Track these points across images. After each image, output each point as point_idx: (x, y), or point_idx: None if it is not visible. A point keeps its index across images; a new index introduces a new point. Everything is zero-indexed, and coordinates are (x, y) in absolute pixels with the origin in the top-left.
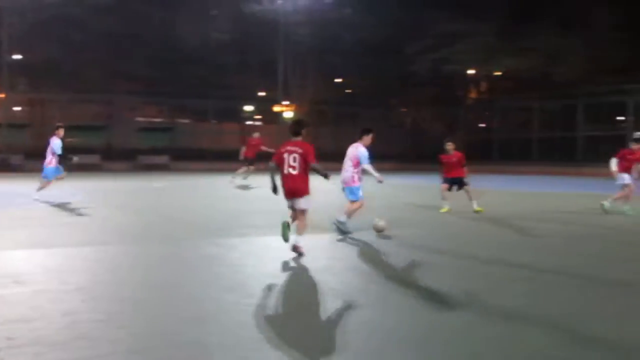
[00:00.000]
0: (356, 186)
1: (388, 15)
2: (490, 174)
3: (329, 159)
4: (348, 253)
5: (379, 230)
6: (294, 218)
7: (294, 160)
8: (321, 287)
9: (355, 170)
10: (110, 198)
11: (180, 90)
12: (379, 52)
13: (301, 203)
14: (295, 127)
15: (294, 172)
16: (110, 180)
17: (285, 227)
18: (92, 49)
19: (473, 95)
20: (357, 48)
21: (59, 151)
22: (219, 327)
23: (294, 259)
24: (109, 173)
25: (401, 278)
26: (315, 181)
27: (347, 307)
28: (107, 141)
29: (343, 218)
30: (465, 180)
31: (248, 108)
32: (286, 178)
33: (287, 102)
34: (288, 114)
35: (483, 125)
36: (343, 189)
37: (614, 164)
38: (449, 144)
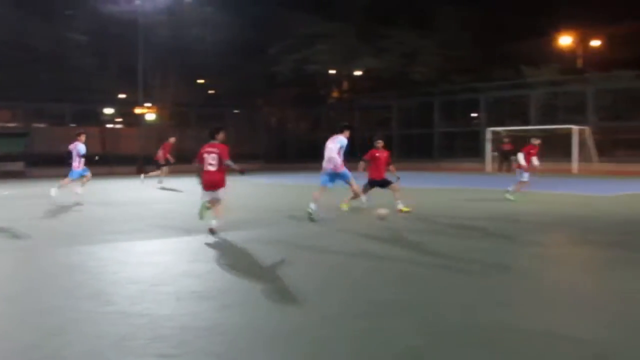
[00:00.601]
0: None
1: (250, 16)
2: (352, 171)
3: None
4: (212, 255)
5: (381, 218)
6: (211, 205)
7: (213, 159)
8: (184, 291)
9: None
10: None
11: (36, 94)
12: (242, 52)
13: (219, 194)
14: (212, 132)
15: (213, 169)
16: None
17: (204, 208)
18: None
19: (335, 94)
20: (219, 48)
21: (84, 153)
22: (80, 336)
23: (155, 263)
24: None
25: (267, 277)
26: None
27: (212, 309)
28: None
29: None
30: (391, 179)
31: (108, 111)
32: (207, 174)
33: (148, 104)
34: (150, 116)
35: (345, 124)
36: (334, 177)
37: (521, 158)
38: (379, 141)
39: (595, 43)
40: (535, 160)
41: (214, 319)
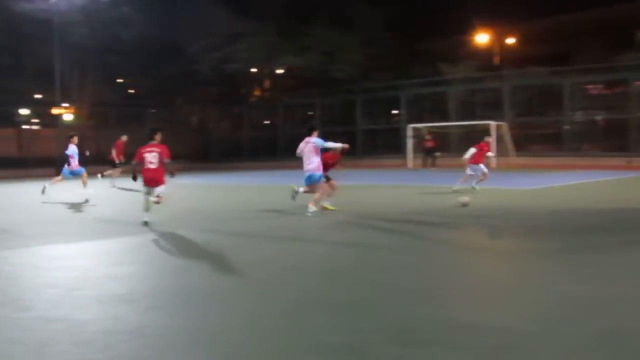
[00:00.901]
0: (320, 172)
1: (169, 14)
2: (278, 169)
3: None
4: (136, 257)
5: (464, 205)
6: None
7: (154, 158)
8: (106, 294)
9: (319, 159)
10: None
11: None
12: (161, 51)
13: (159, 190)
14: (151, 133)
15: (153, 167)
16: None
17: (149, 202)
18: None
19: (257, 93)
20: (138, 47)
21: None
22: None
23: (75, 266)
24: None
25: (191, 278)
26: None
27: (135, 311)
28: None
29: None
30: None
31: (24, 112)
32: (147, 171)
33: (66, 105)
34: (68, 117)
35: (268, 122)
36: (310, 178)
37: (469, 154)
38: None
39: (511, 40)
40: (490, 154)
41: (137, 322)
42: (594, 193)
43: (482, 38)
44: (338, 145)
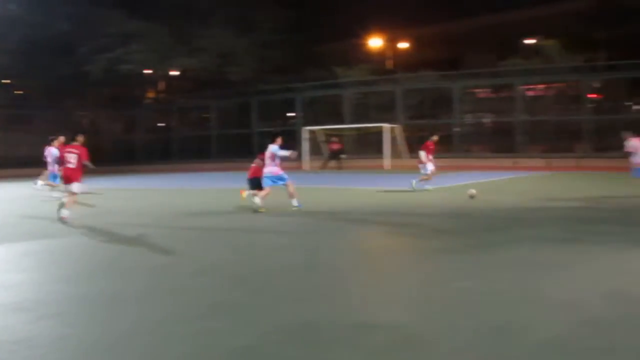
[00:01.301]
0: (281, 173)
1: (59, 13)
2: (172, 172)
3: (2, 165)
4: (27, 264)
5: (472, 196)
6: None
7: (73, 158)
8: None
9: (275, 162)
10: None
11: None
12: (51, 51)
13: (73, 187)
14: (73, 135)
15: (72, 166)
16: None
17: (61, 205)
18: None
19: (151, 94)
20: (25, 47)
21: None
22: None
23: None
24: None
25: (89, 284)
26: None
27: (26, 321)
28: None
29: (295, 202)
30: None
31: None
32: (66, 170)
33: None
34: None
35: (163, 124)
36: (274, 181)
37: (423, 155)
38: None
39: (404, 45)
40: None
41: (27, 332)
42: (485, 192)
43: (375, 42)
44: (287, 153)
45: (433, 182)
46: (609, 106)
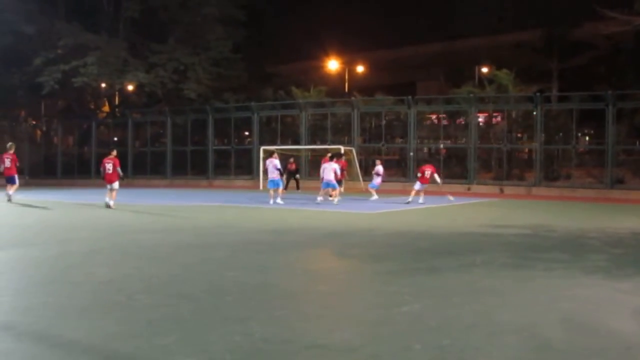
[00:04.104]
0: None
1: (10, 23)
2: (126, 187)
3: None
4: None
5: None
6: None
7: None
8: None
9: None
10: None
11: None
12: (1, 61)
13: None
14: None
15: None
16: None
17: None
18: None
19: (106, 109)
20: None
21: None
22: None
23: None
24: None
25: (36, 297)
26: None
27: None
28: None
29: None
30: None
31: None
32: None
33: None
34: None
35: (116, 139)
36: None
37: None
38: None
39: (361, 69)
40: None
41: None
42: (437, 217)
43: (333, 65)
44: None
45: (386, 205)
46: (559, 136)
